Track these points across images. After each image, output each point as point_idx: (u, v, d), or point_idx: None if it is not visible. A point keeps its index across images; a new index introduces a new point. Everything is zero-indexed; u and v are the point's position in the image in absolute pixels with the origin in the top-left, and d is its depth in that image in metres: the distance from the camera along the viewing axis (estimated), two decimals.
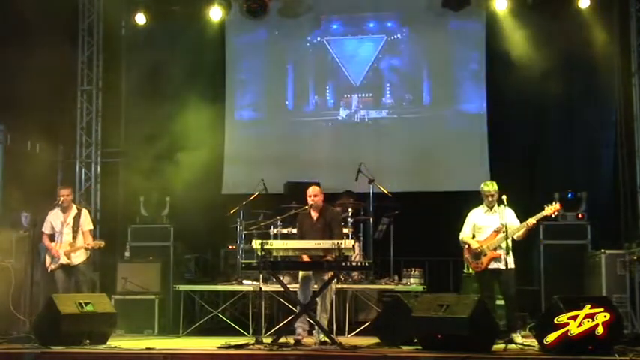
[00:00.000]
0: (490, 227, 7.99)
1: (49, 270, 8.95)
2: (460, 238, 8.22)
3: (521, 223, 7.92)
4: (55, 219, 9.02)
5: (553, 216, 7.98)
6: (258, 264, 7.96)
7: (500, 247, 7.89)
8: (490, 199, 8.04)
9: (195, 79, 11.41)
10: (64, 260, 8.86)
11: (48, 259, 8.96)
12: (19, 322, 9.06)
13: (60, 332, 7.54)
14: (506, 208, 7.92)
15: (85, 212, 9.18)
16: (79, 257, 8.94)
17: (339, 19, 11.96)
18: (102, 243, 9.01)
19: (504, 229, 7.77)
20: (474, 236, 8.14)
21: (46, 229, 9.03)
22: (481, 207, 8.15)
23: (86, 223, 9.08)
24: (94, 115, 11.76)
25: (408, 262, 9.93)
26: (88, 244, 8.92)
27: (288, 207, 9.30)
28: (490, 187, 8.08)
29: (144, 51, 11.80)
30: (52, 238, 9.01)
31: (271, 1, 11.44)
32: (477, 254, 8.01)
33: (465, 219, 8.26)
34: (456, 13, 11.10)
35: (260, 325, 8.37)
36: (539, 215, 7.88)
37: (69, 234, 8.95)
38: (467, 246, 8.15)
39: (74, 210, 9.08)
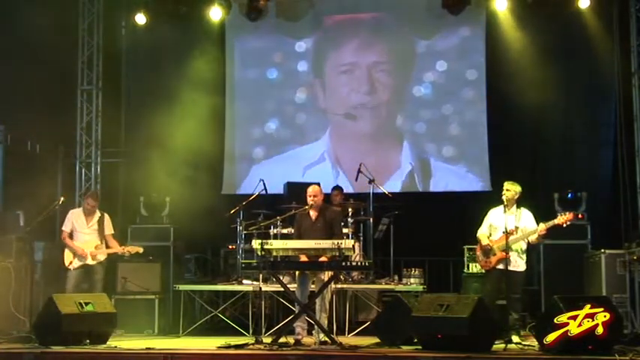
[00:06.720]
0: (504, 227, 7.91)
1: (71, 268, 8.96)
2: (477, 235, 8.23)
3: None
4: (77, 219, 9.10)
5: (565, 225, 7.95)
6: (258, 264, 7.98)
7: (511, 248, 7.87)
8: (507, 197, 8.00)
9: (195, 79, 11.38)
10: (90, 261, 8.94)
11: (69, 257, 8.99)
12: (19, 322, 9.05)
13: (60, 332, 7.54)
14: (524, 210, 7.92)
15: (107, 217, 9.28)
16: (101, 257, 9.07)
17: (340, 19, 11.94)
18: (140, 249, 9.20)
19: (516, 231, 7.76)
20: (490, 235, 8.11)
21: (67, 227, 9.10)
22: (501, 206, 8.04)
23: (109, 227, 9.22)
24: (94, 115, 11.74)
25: (408, 262, 9.93)
26: (125, 250, 9.10)
27: (288, 207, 9.28)
28: (508, 186, 8.04)
29: (144, 51, 11.81)
30: (70, 236, 9.07)
31: (271, 2, 11.43)
32: (487, 252, 8.01)
33: (482, 218, 8.24)
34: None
35: (260, 325, 8.39)
36: (551, 223, 7.85)
37: (92, 234, 9.07)
38: (479, 243, 8.16)
39: (97, 214, 9.19)
